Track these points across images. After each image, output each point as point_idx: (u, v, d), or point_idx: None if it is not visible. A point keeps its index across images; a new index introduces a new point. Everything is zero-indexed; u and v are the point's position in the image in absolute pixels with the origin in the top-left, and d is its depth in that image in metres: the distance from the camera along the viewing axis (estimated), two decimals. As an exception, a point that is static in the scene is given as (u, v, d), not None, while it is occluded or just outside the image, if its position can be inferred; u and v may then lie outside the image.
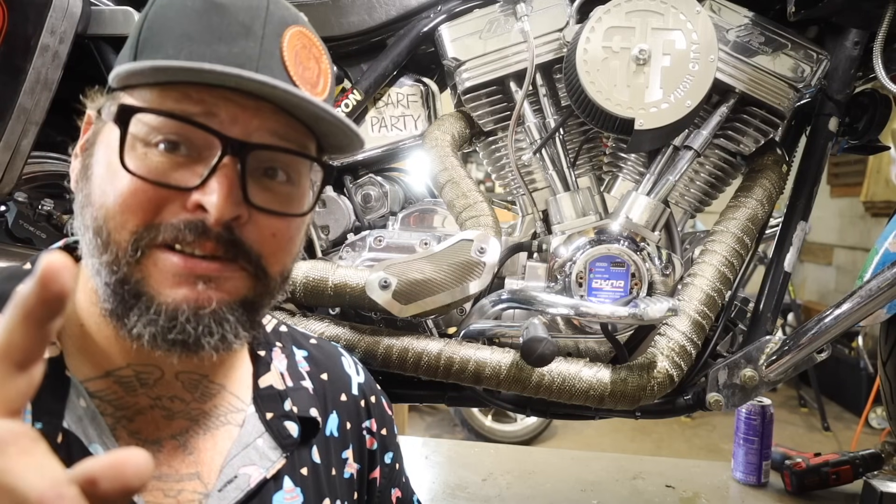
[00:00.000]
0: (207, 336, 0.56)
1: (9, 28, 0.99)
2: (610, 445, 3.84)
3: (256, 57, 0.57)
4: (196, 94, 0.56)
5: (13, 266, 0.65)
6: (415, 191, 1.36)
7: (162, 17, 0.58)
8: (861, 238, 5.29)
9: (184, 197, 0.55)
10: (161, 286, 0.56)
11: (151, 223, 0.55)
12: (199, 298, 0.56)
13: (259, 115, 0.57)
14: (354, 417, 0.79)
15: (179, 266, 0.55)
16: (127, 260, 0.55)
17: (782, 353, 1.13)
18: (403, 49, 1.20)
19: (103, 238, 0.56)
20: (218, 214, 0.54)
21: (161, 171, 0.55)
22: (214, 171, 0.55)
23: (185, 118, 0.55)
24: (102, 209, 0.56)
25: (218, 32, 0.57)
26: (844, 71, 1.17)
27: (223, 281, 0.57)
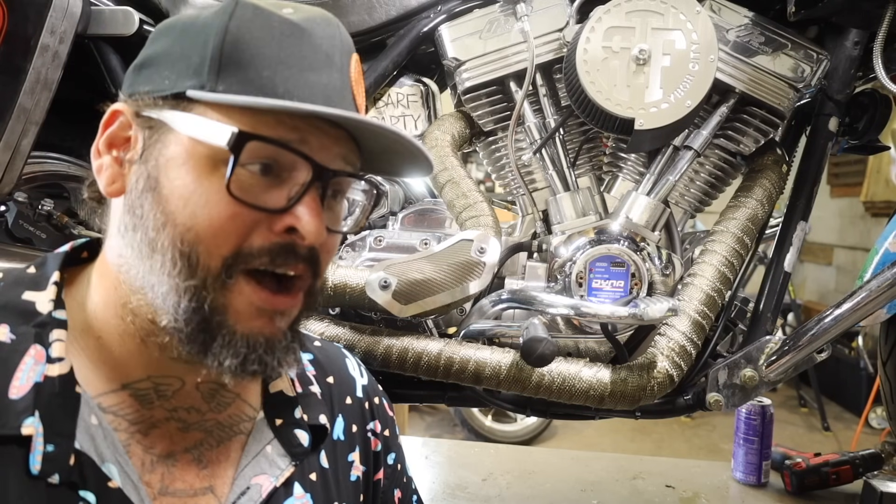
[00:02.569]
0: (277, 367, 0.59)
1: (9, 28, 0.99)
2: (610, 445, 3.84)
3: (340, 88, 0.61)
4: (289, 121, 0.57)
5: (16, 270, 0.64)
6: (415, 191, 1.36)
7: (248, 34, 0.57)
8: (861, 238, 5.29)
9: (272, 219, 0.57)
10: (241, 316, 0.57)
11: (242, 247, 0.56)
12: (275, 332, 0.59)
13: (338, 143, 0.60)
14: (359, 420, 0.79)
15: (265, 301, 0.58)
16: (216, 286, 0.56)
17: (782, 353, 1.13)
18: (403, 49, 1.20)
19: (192, 262, 0.55)
20: (313, 239, 0.57)
21: (253, 194, 0.56)
22: (304, 195, 0.57)
23: (295, 149, 0.57)
24: (192, 232, 0.55)
25: (307, 60, 0.59)
26: (844, 71, 1.17)
27: (292, 311, 0.61)
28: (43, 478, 0.53)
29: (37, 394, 0.55)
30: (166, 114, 0.57)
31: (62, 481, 0.54)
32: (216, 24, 0.58)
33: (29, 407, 0.54)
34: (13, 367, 0.56)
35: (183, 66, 0.58)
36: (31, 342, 0.57)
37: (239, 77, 0.56)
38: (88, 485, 0.55)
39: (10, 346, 0.57)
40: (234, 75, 0.56)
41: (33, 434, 0.54)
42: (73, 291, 0.63)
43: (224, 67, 0.56)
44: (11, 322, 0.58)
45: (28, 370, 0.56)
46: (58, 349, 0.57)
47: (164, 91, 0.58)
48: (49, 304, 0.59)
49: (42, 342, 0.57)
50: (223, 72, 0.56)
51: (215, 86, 0.56)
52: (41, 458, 0.53)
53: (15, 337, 0.57)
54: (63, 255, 0.64)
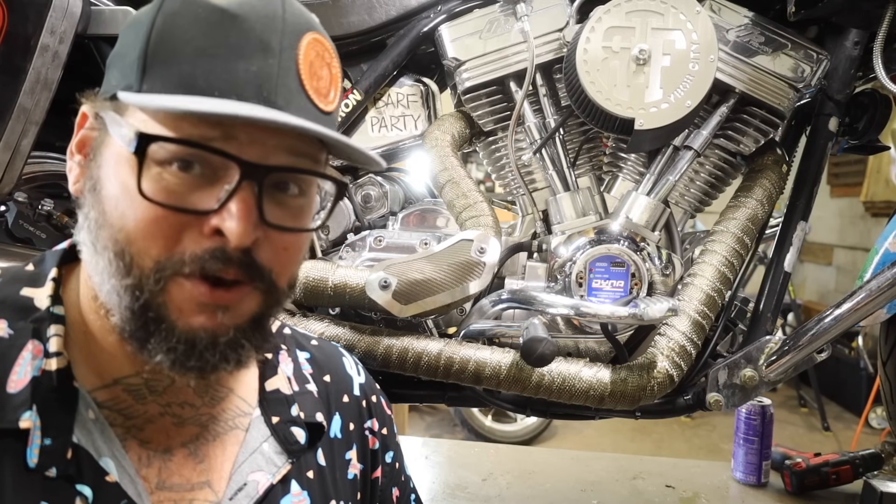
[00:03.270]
0: (224, 363, 0.57)
1: (9, 28, 0.99)
2: (610, 445, 3.84)
3: (275, 76, 0.56)
4: (213, 117, 0.54)
5: (15, 267, 0.64)
6: (415, 191, 1.36)
7: (172, 27, 0.55)
8: (861, 238, 5.29)
9: (202, 221, 0.54)
10: (181, 313, 0.55)
11: (174, 251, 0.54)
12: (218, 328, 0.56)
13: (276, 134, 0.56)
14: (357, 418, 0.79)
15: (204, 296, 0.55)
16: (150, 287, 0.54)
17: (782, 353, 1.13)
18: (403, 49, 1.20)
19: (126, 262, 0.54)
20: (238, 242, 0.54)
21: (178, 194, 0.54)
22: (232, 195, 0.54)
23: (207, 147, 0.54)
24: (122, 232, 0.54)
25: (235, 48, 0.55)
26: (844, 71, 1.17)
27: (238, 306, 0.57)
28: (40, 471, 0.54)
29: (34, 388, 0.55)
30: (108, 115, 0.57)
31: (59, 475, 0.54)
32: (146, 19, 0.56)
33: (26, 401, 0.55)
34: (11, 361, 0.56)
35: (124, 64, 0.57)
36: (28, 337, 0.58)
37: (161, 73, 0.54)
38: (85, 479, 0.56)
39: (8, 341, 0.57)
40: (157, 72, 0.54)
41: (31, 428, 0.54)
42: (69, 288, 0.63)
43: (149, 65, 0.55)
44: (9, 317, 0.58)
45: (26, 365, 0.56)
46: (55, 344, 0.58)
47: (108, 92, 0.58)
48: (47, 299, 0.60)
49: (40, 337, 0.58)
50: (148, 70, 0.55)
51: (140, 85, 0.54)
52: (38, 452, 0.54)
53: (13, 332, 0.58)
54: (61, 252, 0.64)
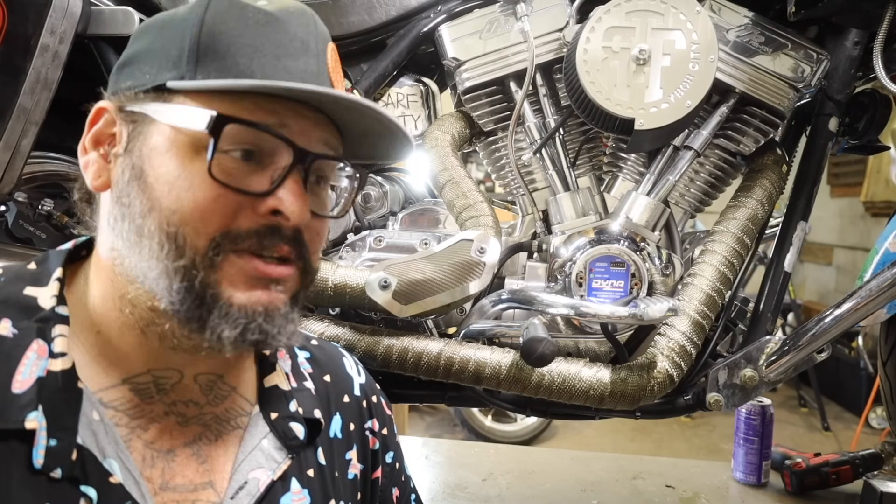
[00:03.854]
0: (279, 335, 0.60)
1: (9, 28, 0.99)
2: (610, 445, 3.84)
3: (316, 73, 0.62)
4: (269, 106, 0.58)
5: (17, 265, 0.64)
6: (415, 191, 1.36)
7: (223, 25, 0.59)
8: (861, 238, 5.29)
9: (256, 202, 0.58)
10: (236, 289, 0.58)
11: (229, 228, 0.57)
12: (273, 300, 0.59)
13: (318, 126, 0.61)
14: (357, 418, 0.79)
15: (258, 270, 0.58)
16: (205, 263, 0.57)
17: (782, 353, 1.13)
18: (403, 49, 1.20)
19: (179, 243, 0.56)
20: (297, 220, 0.58)
21: (236, 178, 0.57)
22: (286, 178, 0.58)
23: (274, 131, 0.58)
24: (177, 214, 0.57)
25: (283, 47, 0.60)
26: (844, 71, 1.17)
27: (288, 282, 0.61)
28: (45, 472, 0.54)
29: (40, 388, 0.55)
30: (148, 106, 0.59)
31: (64, 476, 0.54)
32: (193, 17, 0.60)
33: (32, 401, 0.55)
34: (16, 361, 0.56)
35: (163, 59, 0.59)
36: (33, 337, 0.58)
37: (216, 66, 0.58)
38: (90, 480, 0.56)
39: (13, 340, 0.57)
40: (211, 64, 0.58)
41: (37, 428, 0.54)
42: (73, 288, 0.63)
43: (202, 58, 0.58)
44: (13, 317, 0.58)
45: (31, 365, 0.56)
46: (60, 344, 0.58)
47: (145, 85, 0.59)
48: (52, 299, 0.60)
49: (44, 337, 0.58)
50: (201, 62, 0.58)
51: (194, 75, 0.58)
52: (44, 453, 0.54)
53: (17, 332, 0.58)
54: (66, 252, 0.65)
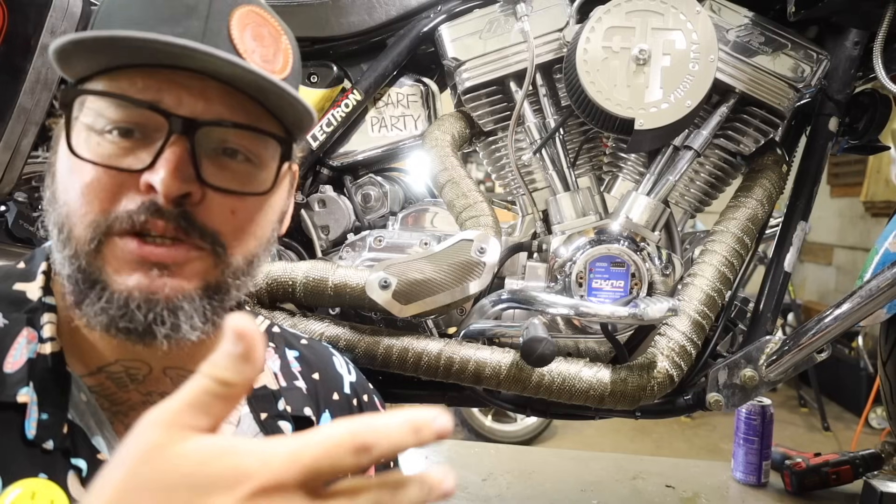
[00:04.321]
0: (158, 325, 0.55)
1: (9, 28, 0.99)
2: (610, 445, 3.84)
3: (200, 35, 0.57)
4: (141, 80, 0.56)
5: (6, 266, 0.66)
6: (415, 191, 1.36)
7: (113, 5, 0.59)
8: (861, 238, 5.28)
9: (137, 180, 0.55)
10: (116, 274, 0.55)
11: (108, 212, 0.55)
12: (152, 286, 0.55)
13: (204, 95, 0.57)
14: (347, 416, 0.79)
15: (134, 252, 0.55)
16: (86, 251, 0.55)
17: (782, 353, 1.13)
18: (403, 49, 1.20)
19: (66, 233, 0.56)
20: (165, 190, 0.53)
21: (113, 157, 0.55)
22: (162, 150, 0.54)
23: (128, 98, 0.55)
24: (65, 206, 0.56)
25: (162, 15, 0.57)
26: (844, 71, 1.17)
27: (179, 267, 0.56)
28: (38, 444, 0.55)
29: (30, 368, 0.57)
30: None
31: (56, 447, 0.56)
32: (99, 5, 0.61)
33: (23, 379, 0.57)
34: (7, 346, 0.58)
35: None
36: (23, 325, 0.60)
37: None
38: (80, 453, 0.57)
39: (3, 329, 0.59)
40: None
41: (28, 402, 0.56)
42: (58, 283, 0.64)
43: None
44: (3, 310, 0.60)
45: (21, 349, 0.58)
46: (49, 330, 0.60)
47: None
48: (38, 291, 0.62)
49: (34, 325, 0.60)
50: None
51: None
52: (36, 425, 0.56)
53: (8, 322, 0.60)
54: (49, 248, 0.65)
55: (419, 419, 0.35)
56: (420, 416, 0.35)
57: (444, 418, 0.35)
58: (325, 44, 1.19)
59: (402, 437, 0.34)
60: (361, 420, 0.35)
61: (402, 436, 0.34)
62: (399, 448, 0.34)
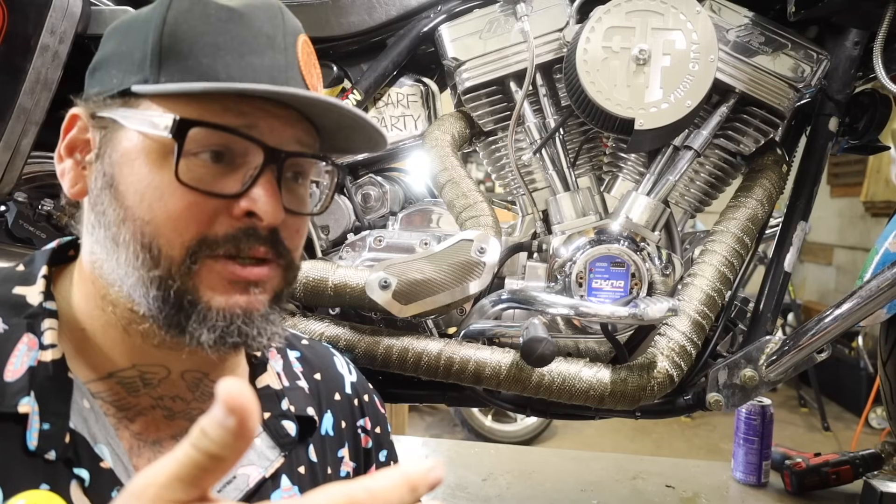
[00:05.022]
0: (259, 337, 0.60)
1: (9, 28, 0.99)
2: (610, 445, 3.84)
3: (284, 67, 0.61)
4: (236, 107, 0.58)
5: (6, 269, 0.65)
6: (415, 191, 1.36)
7: (185, 25, 0.58)
8: (861, 238, 5.29)
9: (228, 205, 0.58)
10: (215, 293, 0.58)
11: (205, 235, 0.57)
12: (251, 302, 0.59)
13: (290, 125, 0.61)
14: (349, 416, 0.79)
15: (235, 275, 0.58)
16: (182, 272, 0.57)
17: (782, 353, 1.13)
18: (403, 49, 1.20)
19: (154, 254, 0.57)
20: (270, 220, 0.58)
21: (206, 182, 0.57)
22: (258, 178, 0.58)
23: (241, 132, 0.57)
24: (151, 225, 0.57)
25: (247, 44, 0.59)
26: (844, 71, 1.17)
27: (266, 283, 0.61)
28: (40, 454, 0.55)
29: (31, 376, 0.57)
30: (116, 112, 0.59)
31: (58, 458, 0.55)
32: (155, 18, 0.59)
33: (24, 388, 0.56)
34: (7, 353, 0.58)
35: (128, 63, 0.59)
36: (23, 331, 0.59)
37: (179, 67, 0.57)
38: (83, 463, 0.57)
39: (3, 335, 0.59)
40: (174, 66, 0.57)
41: (29, 412, 0.55)
42: (59, 287, 0.64)
43: (164, 60, 0.58)
44: (3, 315, 0.60)
45: (22, 356, 0.58)
46: (50, 337, 0.59)
47: (112, 90, 0.59)
48: (39, 295, 0.61)
49: (34, 331, 0.59)
50: (164, 64, 0.57)
51: (158, 78, 0.57)
52: (37, 436, 0.55)
53: (7, 327, 0.59)
54: (50, 251, 0.66)
55: (415, 476, 0.35)
56: (415, 473, 0.35)
57: (438, 470, 0.36)
58: (325, 44, 1.19)
59: (398, 498, 0.35)
60: (357, 484, 0.35)
61: (398, 496, 0.35)
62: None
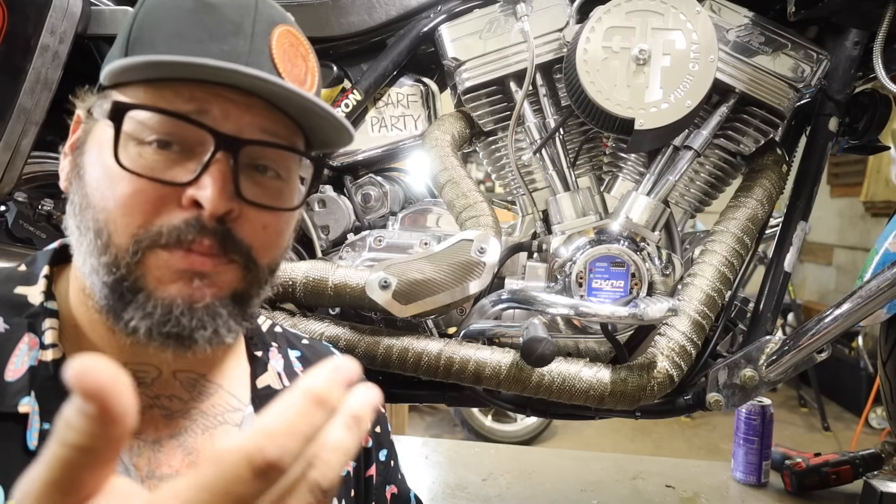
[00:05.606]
0: (200, 329, 0.57)
1: (9, 28, 0.99)
2: (610, 445, 3.84)
3: (246, 53, 0.59)
4: (188, 92, 0.57)
5: (7, 269, 0.66)
6: (415, 191, 1.36)
7: (153, 16, 0.59)
8: (861, 238, 5.29)
9: (179, 194, 0.56)
10: (158, 282, 0.57)
11: (151, 224, 0.56)
12: (194, 294, 0.57)
13: (250, 111, 0.59)
14: None
15: (179, 263, 0.56)
16: (127, 260, 0.56)
17: (782, 353, 1.13)
18: (403, 49, 1.20)
19: (104, 240, 0.56)
20: (213, 209, 0.56)
21: (155, 169, 0.56)
22: (208, 166, 0.56)
23: (179, 115, 0.56)
24: (104, 212, 0.56)
25: (209, 31, 0.58)
26: (844, 71, 1.17)
27: (216, 276, 0.58)
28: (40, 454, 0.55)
29: (32, 376, 0.57)
30: (95, 106, 0.60)
31: None
32: (134, 12, 0.61)
33: (25, 388, 0.56)
34: (8, 353, 0.58)
35: (110, 58, 0.60)
36: (24, 331, 0.59)
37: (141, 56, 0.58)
38: None
39: (4, 335, 0.59)
40: (138, 56, 0.57)
41: (30, 412, 0.56)
42: (60, 286, 0.65)
43: (130, 52, 0.59)
44: (5, 314, 0.60)
45: (22, 356, 0.58)
46: (50, 336, 0.59)
47: (97, 86, 0.61)
48: (40, 295, 0.61)
49: (35, 331, 0.59)
50: (130, 55, 0.58)
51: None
52: (38, 436, 0.55)
53: (9, 327, 0.59)
54: (52, 251, 0.66)
55: (318, 387, 0.30)
56: (316, 384, 0.31)
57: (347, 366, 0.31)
58: (325, 44, 1.19)
59: (308, 422, 0.30)
60: (252, 432, 0.30)
61: (308, 421, 0.30)
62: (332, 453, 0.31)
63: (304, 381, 0.31)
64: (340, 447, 0.32)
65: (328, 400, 0.31)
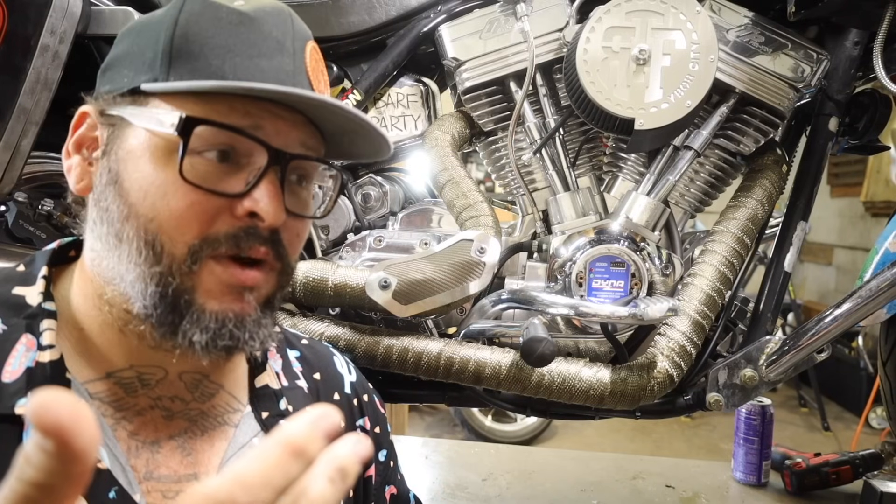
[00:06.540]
0: (250, 341, 0.60)
1: (9, 28, 0.99)
2: (610, 445, 3.84)
3: (292, 72, 0.62)
4: (242, 108, 0.58)
5: (6, 269, 0.66)
6: (415, 191, 1.36)
7: (196, 26, 0.60)
8: (861, 238, 5.29)
9: (232, 205, 0.58)
10: (209, 295, 0.58)
11: (207, 234, 0.58)
12: (244, 308, 0.60)
13: (296, 127, 0.62)
14: (348, 416, 0.79)
15: (232, 278, 0.59)
16: (182, 271, 0.57)
17: (782, 353, 1.13)
18: (403, 49, 1.20)
19: (156, 251, 0.57)
20: (272, 220, 0.58)
21: (210, 181, 0.58)
22: (261, 179, 0.58)
23: (243, 131, 0.58)
24: (154, 222, 0.57)
25: (256, 47, 0.60)
26: (844, 71, 1.17)
27: (260, 288, 0.61)
28: None
29: (29, 377, 0.57)
30: (125, 110, 0.60)
31: None
32: (167, 19, 0.60)
33: (21, 389, 0.56)
34: (6, 354, 0.58)
35: (139, 62, 0.60)
36: (22, 332, 0.59)
37: (189, 67, 0.58)
38: None
39: (2, 335, 0.59)
40: (184, 66, 0.58)
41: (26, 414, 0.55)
42: (60, 287, 0.65)
43: (175, 60, 0.59)
44: (2, 315, 0.60)
45: (20, 357, 0.58)
46: (48, 337, 0.59)
47: (122, 89, 0.60)
48: (38, 296, 0.61)
49: (33, 331, 0.59)
50: (174, 64, 0.58)
51: (167, 77, 0.58)
52: None
53: (7, 328, 0.59)
54: (50, 252, 0.66)
55: (295, 438, 0.30)
56: (295, 434, 0.30)
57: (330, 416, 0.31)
58: (325, 44, 1.19)
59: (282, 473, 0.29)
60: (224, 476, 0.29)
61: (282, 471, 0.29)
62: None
63: (283, 429, 0.31)
64: (321, 500, 0.31)
65: (306, 451, 0.31)
